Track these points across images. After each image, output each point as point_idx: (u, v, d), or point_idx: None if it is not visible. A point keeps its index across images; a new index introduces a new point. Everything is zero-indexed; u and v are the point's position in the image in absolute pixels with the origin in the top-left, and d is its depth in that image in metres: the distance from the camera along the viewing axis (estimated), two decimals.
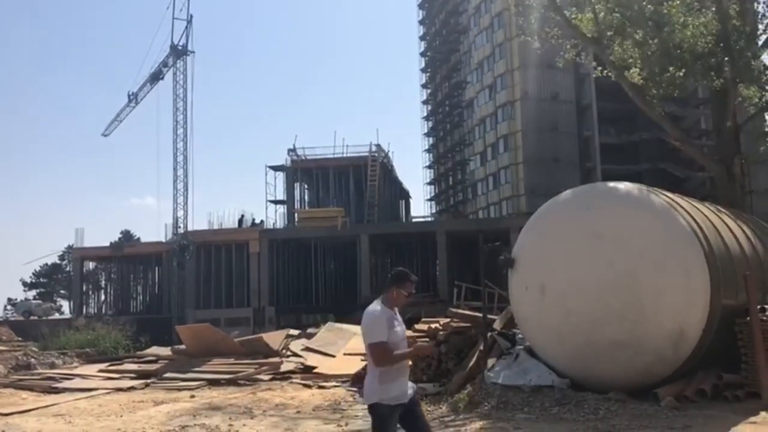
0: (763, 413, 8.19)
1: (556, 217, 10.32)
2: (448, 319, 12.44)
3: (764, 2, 17.13)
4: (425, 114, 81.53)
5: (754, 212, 29.14)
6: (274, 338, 17.08)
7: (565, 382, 9.48)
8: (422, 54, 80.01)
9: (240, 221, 47.23)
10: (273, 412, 10.13)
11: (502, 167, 62.58)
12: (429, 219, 68.73)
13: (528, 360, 10.03)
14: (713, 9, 16.31)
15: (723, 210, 12.63)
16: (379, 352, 4.64)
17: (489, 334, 11.08)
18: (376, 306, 4.78)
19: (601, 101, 58.01)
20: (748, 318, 9.19)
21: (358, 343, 15.99)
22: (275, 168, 52.51)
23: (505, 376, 9.71)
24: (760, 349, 8.87)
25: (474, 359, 10.60)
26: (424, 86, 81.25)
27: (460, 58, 71.87)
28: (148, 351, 18.67)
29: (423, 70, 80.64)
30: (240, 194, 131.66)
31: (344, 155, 51.86)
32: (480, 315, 12.33)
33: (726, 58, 15.64)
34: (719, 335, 9.39)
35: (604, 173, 55.83)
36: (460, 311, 13.29)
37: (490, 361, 10.35)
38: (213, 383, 13.57)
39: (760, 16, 17.44)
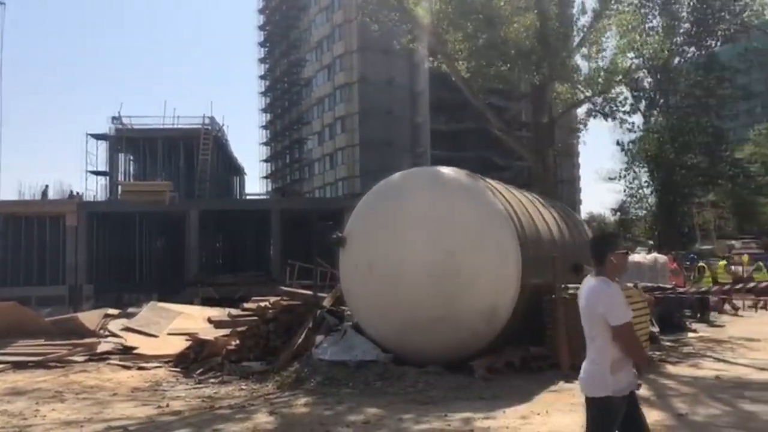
0: (561, 382, 9.04)
1: (385, 198, 10.62)
2: (278, 298, 12.38)
3: (578, 7, 18.70)
4: (263, 89, 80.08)
5: (563, 200, 31.89)
6: (90, 318, 15.99)
7: (388, 357, 9.82)
8: (261, 28, 78.32)
9: (44, 193, 43.46)
10: (86, 394, 9.49)
11: (338, 148, 63.25)
12: (264, 197, 67.83)
13: (355, 336, 10.27)
14: (536, 10, 17.51)
15: (537, 197, 13.70)
16: (632, 333, 3.93)
17: (318, 311, 11.18)
18: (594, 281, 4.08)
19: (434, 89, 60.31)
20: (553, 296, 10.09)
21: (182, 323, 15.46)
22: (97, 136, 48.86)
23: (332, 353, 9.87)
24: (562, 325, 9.77)
25: (302, 337, 10.66)
26: (262, 61, 79.69)
27: (299, 35, 71.28)
28: None
29: (261, 45, 79.01)
30: (56, 163, 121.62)
31: (174, 126, 49.50)
32: (310, 293, 12.43)
33: (545, 57, 16.88)
34: (528, 312, 10.22)
35: (434, 158, 58.26)
36: (290, 289, 13.26)
37: (318, 338, 10.46)
38: (19, 366, 12.43)
39: (574, 20, 19.01)
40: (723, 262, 22.34)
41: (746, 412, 7.33)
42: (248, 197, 62.40)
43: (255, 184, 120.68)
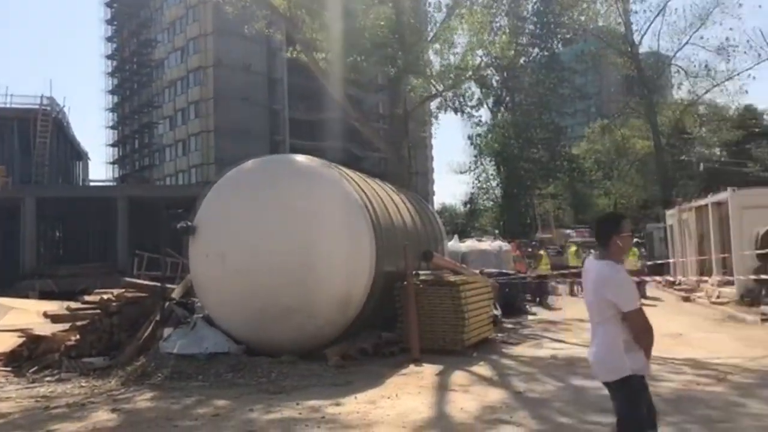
0: (411, 365, 9.36)
1: (238, 186, 10.38)
2: (123, 290, 11.75)
3: (433, 4, 19.27)
4: (109, 70, 75.36)
5: (418, 191, 32.89)
6: None
7: (241, 348, 9.65)
8: (108, 4, 73.55)
9: None
10: None
11: (192, 134, 61.08)
12: (110, 183, 64.03)
13: (205, 328, 9.98)
14: (391, 3, 17.82)
15: (392, 187, 14.03)
16: (645, 320, 3.85)
17: (166, 303, 10.75)
18: (605, 265, 3.95)
19: (292, 77, 59.83)
20: (404, 283, 10.39)
21: (15, 319, 14.25)
22: None
23: (181, 345, 9.53)
24: (412, 310, 10.10)
25: (148, 330, 10.21)
26: (109, 39, 74.92)
27: (150, 14, 67.85)
28: None
29: (108, 22, 74.24)
30: None
31: (7, 106, 45.39)
32: (158, 284, 11.92)
33: (399, 50, 17.25)
34: (381, 298, 10.45)
35: (292, 147, 57.89)
36: (135, 281, 12.65)
37: (166, 331, 10.06)
38: None
39: (429, 16, 19.59)
40: (574, 248, 24.06)
41: (577, 388, 7.96)
42: (92, 184, 58.56)
43: (100, 170, 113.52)
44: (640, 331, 3.89)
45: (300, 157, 10.89)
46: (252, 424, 6.54)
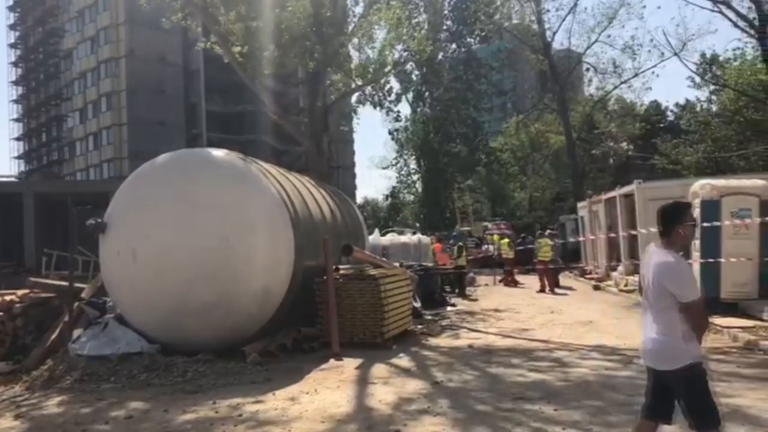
0: (332, 360, 9.34)
1: (151, 180, 10.04)
2: (28, 290, 11.19)
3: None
4: (13, 59, 71.53)
5: (340, 185, 32.80)
6: None
7: (155, 348, 9.37)
8: None
9: None
10: None
11: (104, 127, 58.82)
12: (14, 179, 60.81)
13: (118, 328, 9.64)
14: None
15: (312, 181, 13.93)
16: (703, 312, 3.90)
17: (76, 303, 10.32)
18: (662, 254, 3.96)
19: (210, 69, 58.49)
20: (325, 277, 10.35)
21: None
22: None
23: (92, 347, 9.17)
24: (332, 304, 10.08)
25: (57, 332, 9.77)
26: (12, 27, 71.09)
27: (57, 1, 64.73)
28: None
29: (11, 9, 70.44)
30: None
31: None
32: (66, 284, 11.43)
33: (318, 44, 17.12)
34: (301, 293, 10.38)
35: (210, 141, 56.65)
36: (42, 280, 12.08)
37: (76, 332, 9.67)
38: None
39: (348, 10, 19.54)
40: (507, 240, 24.58)
41: (493, 375, 8.17)
42: None
43: (4, 164, 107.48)
44: (697, 323, 3.94)
45: (216, 151, 10.65)
46: (167, 425, 6.37)
